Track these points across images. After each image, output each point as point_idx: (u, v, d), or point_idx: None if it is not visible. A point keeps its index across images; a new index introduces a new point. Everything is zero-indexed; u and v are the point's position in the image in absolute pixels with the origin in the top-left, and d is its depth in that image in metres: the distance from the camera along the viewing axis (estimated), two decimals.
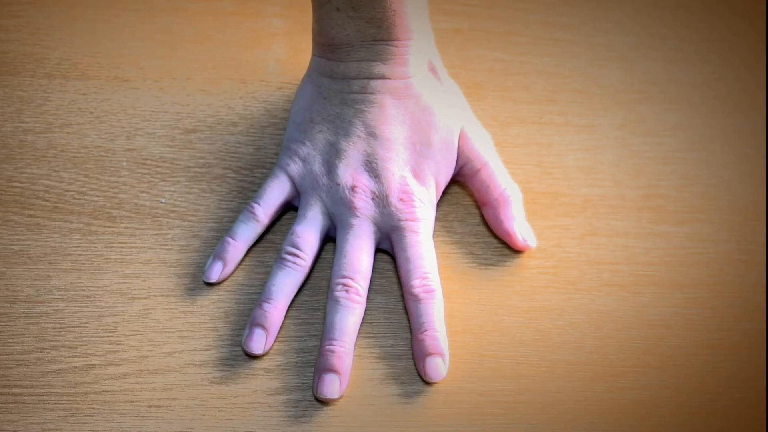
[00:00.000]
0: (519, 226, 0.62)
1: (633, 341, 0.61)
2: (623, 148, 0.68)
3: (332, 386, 0.56)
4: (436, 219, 0.63)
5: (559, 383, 0.59)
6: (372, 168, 0.60)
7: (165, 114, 0.65)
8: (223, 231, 0.61)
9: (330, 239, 0.62)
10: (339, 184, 0.60)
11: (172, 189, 0.63)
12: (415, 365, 0.58)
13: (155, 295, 0.59)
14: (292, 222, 0.62)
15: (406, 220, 0.60)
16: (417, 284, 0.59)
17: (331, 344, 0.57)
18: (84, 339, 0.57)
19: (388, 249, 0.61)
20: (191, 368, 0.57)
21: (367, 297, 0.59)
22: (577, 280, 0.62)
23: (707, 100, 0.71)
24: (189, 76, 0.67)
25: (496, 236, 0.63)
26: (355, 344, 0.58)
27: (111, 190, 0.62)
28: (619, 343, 0.61)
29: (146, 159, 0.63)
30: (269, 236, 0.62)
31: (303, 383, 0.57)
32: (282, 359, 0.58)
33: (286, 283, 0.59)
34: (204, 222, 0.62)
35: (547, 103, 0.69)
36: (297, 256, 0.59)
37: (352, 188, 0.60)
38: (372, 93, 0.61)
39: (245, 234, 0.60)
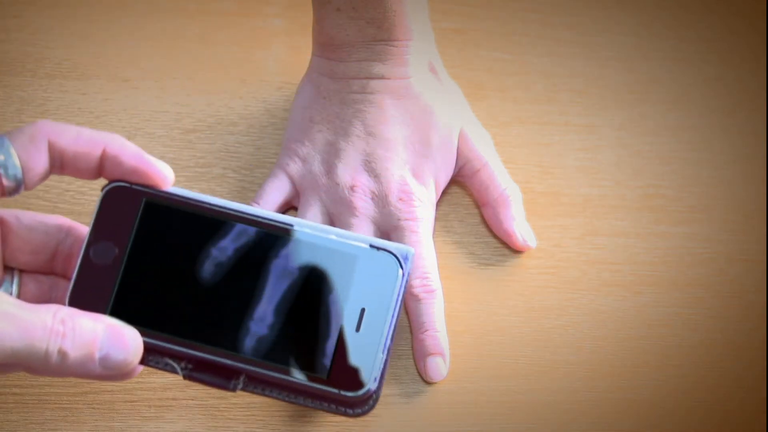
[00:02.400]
0: (519, 226, 0.62)
1: (633, 341, 0.61)
2: (623, 148, 0.68)
3: None
4: (436, 219, 0.63)
5: (559, 383, 0.59)
6: (371, 168, 0.60)
7: (165, 114, 0.65)
8: None
9: None
10: (338, 184, 0.60)
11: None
12: (415, 365, 0.58)
13: None
14: None
15: (406, 219, 0.60)
16: (417, 284, 0.59)
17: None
18: None
19: None
20: None
21: None
22: (577, 280, 0.62)
23: (707, 100, 0.71)
24: (189, 76, 0.67)
25: (496, 236, 0.63)
26: None
27: None
28: (619, 343, 0.61)
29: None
30: None
31: None
32: None
33: None
34: None
35: (547, 103, 0.69)
36: None
37: (352, 188, 0.60)
38: (371, 93, 0.61)
39: None
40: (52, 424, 0.55)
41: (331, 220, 0.61)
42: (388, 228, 0.60)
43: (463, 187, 0.65)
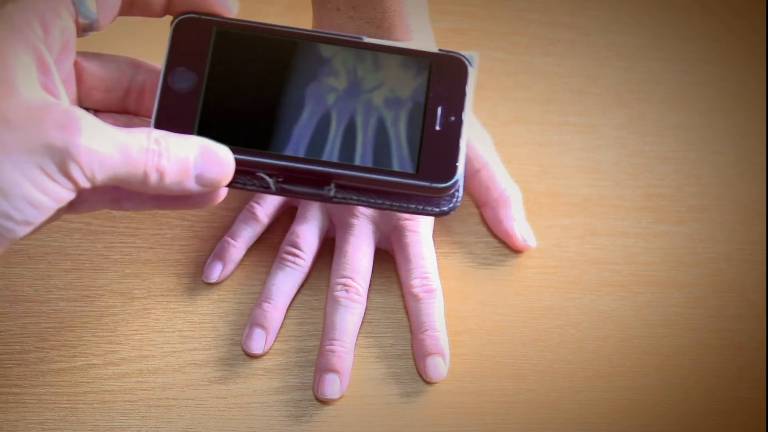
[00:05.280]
0: (519, 226, 0.62)
1: (633, 341, 0.61)
2: (623, 148, 0.68)
3: (333, 386, 0.56)
4: (436, 219, 0.63)
5: (559, 383, 0.59)
6: None
7: None
8: (222, 231, 0.61)
9: (330, 238, 0.62)
10: None
11: None
12: (415, 365, 0.58)
13: (155, 295, 0.59)
14: (292, 222, 0.62)
15: (406, 219, 0.60)
16: (417, 284, 0.59)
17: (331, 344, 0.57)
18: (84, 339, 0.57)
19: (388, 249, 0.61)
20: (191, 368, 0.57)
21: (367, 297, 0.59)
22: (577, 280, 0.62)
23: (707, 100, 0.71)
24: None
25: (496, 236, 0.63)
26: (355, 344, 0.58)
27: None
28: (619, 343, 0.61)
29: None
30: (269, 236, 0.62)
31: (303, 383, 0.57)
32: (282, 359, 0.58)
33: (285, 283, 0.59)
34: (204, 222, 0.62)
35: (547, 102, 0.69)
36: (297, 255, 0.59)
37: None
38: None
39: (245, 234, 0.60)
40: (51, 424, 0.55)
41: (331, 221, 0.61)
42: (388, 228, 0.60)
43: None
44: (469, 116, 0.45)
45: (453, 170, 0.44)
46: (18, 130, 0.37)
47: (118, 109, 0.47)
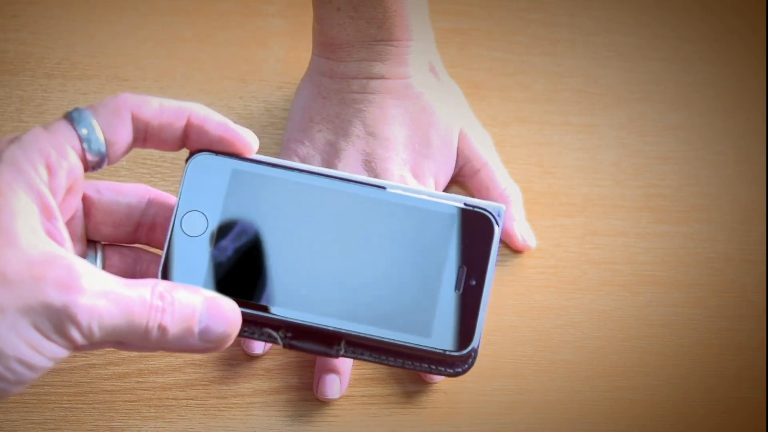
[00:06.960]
0: (519, 226, 0.62)
1: (633, 341, 0.61)
2: (623, 148, 0.68)
3: (333, 386, 0.56)
4: None
5: (559, 383, 0.59)
6: (371, 167, 0.60)
7: None
8: None
9: None
10: None
11: (172, 189, 0.62)
12: None
13: None
14: None
15: None
16: None
17: None
18: None
19: None
20: (191, 368, 0.57)
21: None
22: (577, 280, 0.62)
23: (707, 100, 0.71)
24: (189, 76, 0.67)
25: None
26: None
27: None
28: (619, 343, 0.61)
29: (146, 159, 0.63)
30: None
31: (303, 383, 0.57)
32: (282, 359, 0.58)
33: None
34: None
35: (547, 102, 0.69)
36: None
37: None
38: (371, 93, 0.61)
39: None
40: (52, 424, 0.55)
41: None
42: None
43: (463, 187, 0.65)
44: (491, 281, 0.43)
45: (469, 338, 0.42)
46: (15, 287, 0.36)
47: (127, 240, 0.46)
